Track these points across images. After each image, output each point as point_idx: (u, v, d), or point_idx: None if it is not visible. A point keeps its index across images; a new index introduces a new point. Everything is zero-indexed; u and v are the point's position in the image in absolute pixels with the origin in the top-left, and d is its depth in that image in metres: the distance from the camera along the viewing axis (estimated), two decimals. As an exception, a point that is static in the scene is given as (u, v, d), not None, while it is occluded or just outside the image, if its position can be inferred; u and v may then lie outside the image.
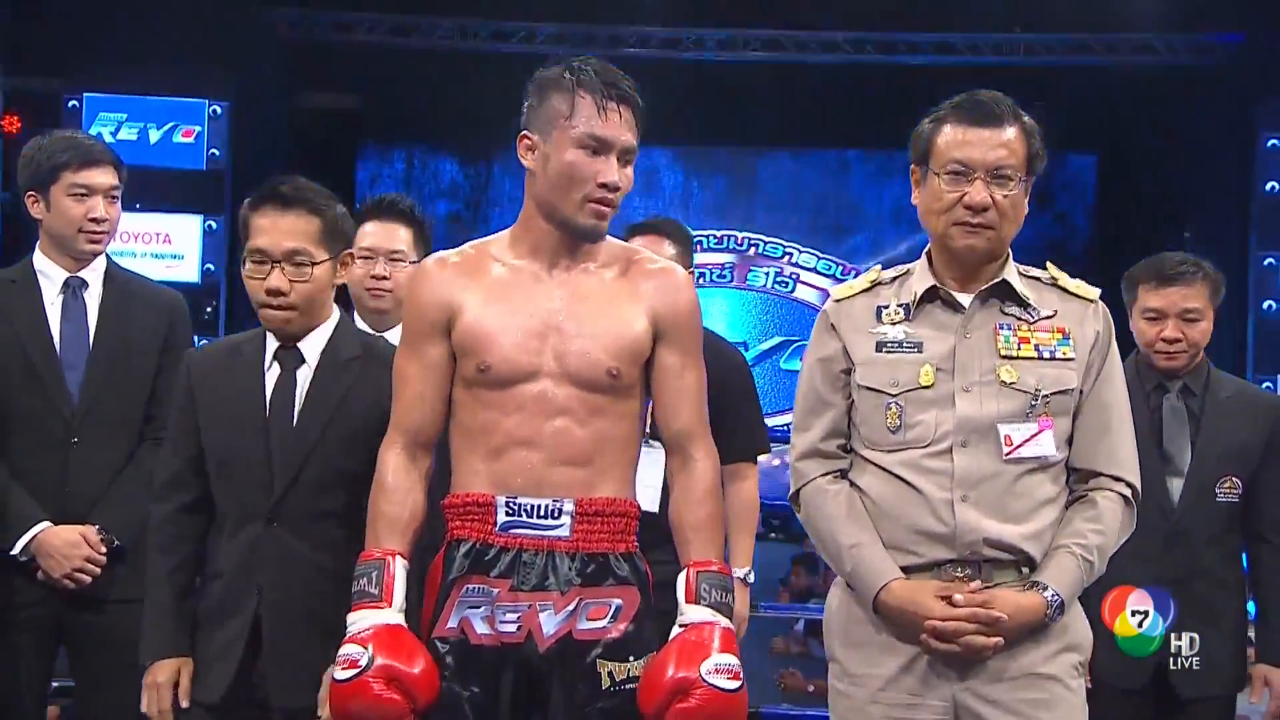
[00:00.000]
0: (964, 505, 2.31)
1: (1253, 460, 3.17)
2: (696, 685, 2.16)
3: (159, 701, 2.48)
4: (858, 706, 2.39)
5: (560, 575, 2.28)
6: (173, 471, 2.58)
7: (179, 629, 2.52)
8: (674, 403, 2.38)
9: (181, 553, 2.56)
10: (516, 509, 2.28)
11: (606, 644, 2.28)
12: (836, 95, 11.34)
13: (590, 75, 2.30)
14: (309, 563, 2.50)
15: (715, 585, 2.27)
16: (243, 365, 2.57)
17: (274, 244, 2.51)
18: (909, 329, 2.40)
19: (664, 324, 2.36)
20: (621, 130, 2.30)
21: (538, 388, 2.29)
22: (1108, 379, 2.40)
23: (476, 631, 2.28)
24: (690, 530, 2.34)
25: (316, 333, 2.58)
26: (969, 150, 2.33)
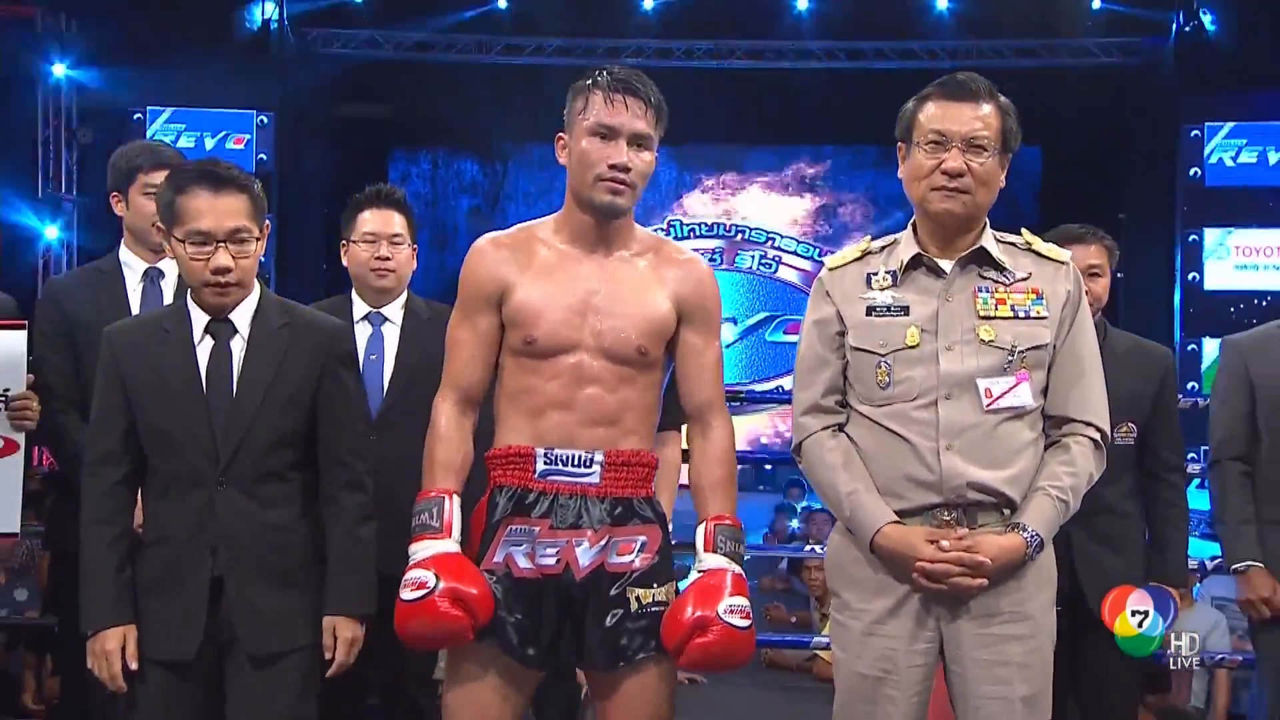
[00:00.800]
0: (949, 453, 2.28)
1: (1146, 407, 3.19)
2: (714, 623, 2.21)
3: (109, 668, 2.37)
4: (856, 638, 2.36)
5: (593, 516, 2.31)
6: (106, 448, 2.43)
7: (121, 597, 2.39)
8: (695, 377, 2.40)
9: (120, 524, 2.43)
10: (554, 459, 2.31)
11: (634, 574, 2.31)
12: (811, 97, 11.47)
13: (604, 76, 2.33)
14: (261, 520, 2.40)
15: (729, 537, 2.33)
16: (171, 340, 2.44)
17: (217, 224, 2.37)
18: (896, 294, 2.36)
19: (687, 308, 2.38)
20: (628, 117, 2.30)
21: (575, 359, 2.31)
22: (1078, 333, 2.37)
23: (519, 565, 2.29)
24: (709, 489, 2.38)
25: (244, 304, 2.46)
26: (947, 122, 2.31)
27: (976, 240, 2.35)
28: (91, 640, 2.39)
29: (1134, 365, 3.21)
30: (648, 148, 2.33)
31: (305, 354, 2.46)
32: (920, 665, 2.31)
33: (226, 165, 2.48)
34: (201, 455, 2.38)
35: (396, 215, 3.23)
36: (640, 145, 2.32)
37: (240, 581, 2.38)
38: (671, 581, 2.34)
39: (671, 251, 2.44)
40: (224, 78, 10.32)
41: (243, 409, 2.40)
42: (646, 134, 2.32)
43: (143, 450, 2.43)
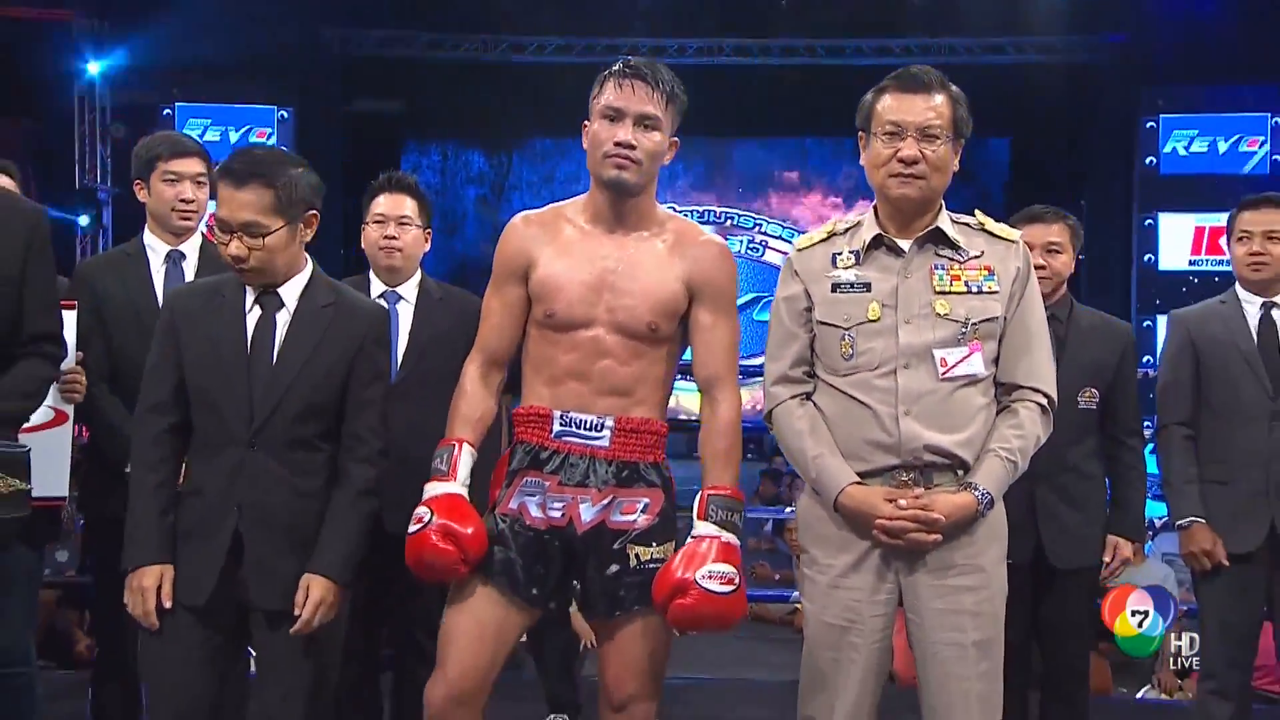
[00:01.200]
0: (907, 418, 2.29)
1: (1108, 376, 3.20)
2: (692, 587, 2.22)
3: (144, 604, 2.35)
4: (822, 590, 2.37)
5: (599, 476, 2.33)
6: (157, 398, 2.43)
7: (162, 539, 2.38)
8: (705, 353, 2.40)
9: (165, 471, 2.42)
10: (569, 421, 2.34)
11: (635, 532, 2.33)
12: (795, 92, 11.43)
13: (618, 65, 2.35)
14: (286, 483, 2.40)
15: (722, 506, 2.31)
16: (225, 306, 2.44)
17: (231, 216, 2.37)
18: (859, 272, 2.37)
19: (699, 288, 2.37)
20: (635, 100, 2.30)
21: (591, 334, 2.33)
22: (1028, 307, 2.37)
23: (531, 514, 2.34)
24: (710, 459, 2.38)
25: (294, 281, 2.45)
26: (902, 113, 2.32)
27: (933, 221, 2.35)
28: (130, 576, 2.38)
29: (1097, 338, 3.22)
30: (655, 128, 2.32)
31: (344, 333, 2.45)
32: (881, 615, 2.32)
33: (259, 158, 2.45)
34: (237, 417, 2.38)
35: (408, 199, 3.22)
36: (647, 126, 2.31)
37: (258, 540, 2.37)
38: (671, 541, 2.35)
39: (691, 233, 2.42)
40: (247, 76, 10.32)
41: (279, 377, 2.39)
42: (653, 115, 2.31)
43: (189, 406, 2.42)
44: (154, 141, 3.18)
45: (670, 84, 2.34)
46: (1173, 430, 3.27)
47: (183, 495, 2.42)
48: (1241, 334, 3.23)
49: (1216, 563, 3.17)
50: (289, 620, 2.36)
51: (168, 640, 2.37)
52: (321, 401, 2.42)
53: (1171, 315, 3.43)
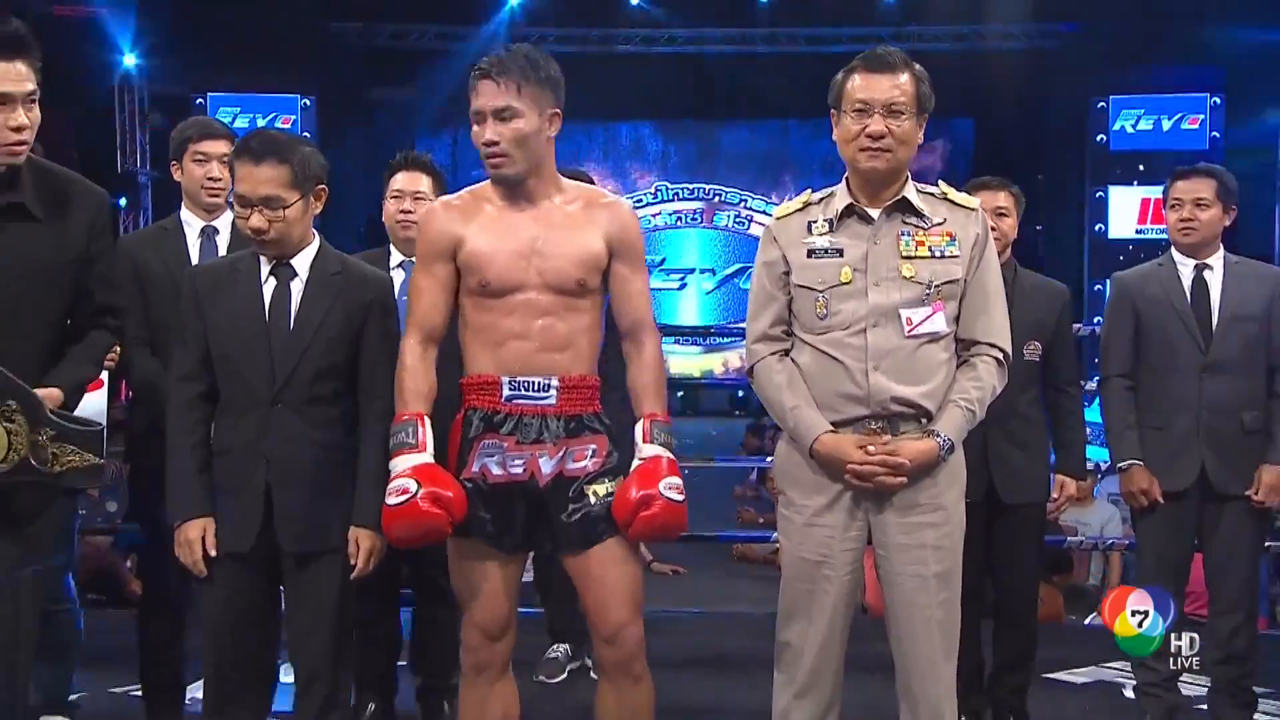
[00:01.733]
0: (875, 373, 2.29)
1: (1048, 332, 3.21)
2: (656, 498, 2.23)
3: (192, 554, 2.38)
4: (798, 529, 2.38)
5: (551, 431, 2.32)
6: (187, 368, 2.44)
7: (201, 495, 2.39)
8: (626, 302, 2.38)
9: (199, 433, 2.42)
10: (517, 385, 2.31)
11: (589, 475, 2.32)
12: (778, 78, 11.38)
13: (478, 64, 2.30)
14: (307, 438, 2.40)
15: (662, 430, 2.33)
16: (242, 279, 2.44)
17: (251, 191, 2.36)
18: (832, 239, 2.35)
19: (615, 244, 2.34)
20: (486, 98, 2.26)
21: (525, 296, 2.30)
22: (985, 269, 2.37)
23: (493, 473, 2.31)
24: (643, 392, 2.38)
25: (305, 252, 2.45)
26: (869, 92, 2.30)
27: (899, 191, 2.34)
28: (177, 530, 2.39)
29: (1039, 298, 3.23)
30: (515, 116, 2.25)
31: (353, 298, 2.44)
32: (852, 550, 2.34)
33: (273, 137, 2.45)
34: (260, 379, 2.38)
35: (423, 176, 3.23)
36: (505, 117, 2.25)
37: (286, 490, 2.38)
38: (621, 476, 2.33)
39: (599, 198, 2.40)
40: (272, 67, 10.28)
41: (297, 341, 2.39)
42: (506, 106, 2.24)
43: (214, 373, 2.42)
44: (186, 125, 3.18)
45: (520, 69, 2.25)
46: (1113, 381, 3.28)
47: (215, 453, 2.42)
48: (1176, 294, 3.23)
49: (1153, 500, 3.19)
50: (317, 559, 2.38)
51: (217, 584, 2.40)
52: (336, 361, 2.42)
53: (1113, 277, 3.44)
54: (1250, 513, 3.18)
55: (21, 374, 2.23)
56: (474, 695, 2.40)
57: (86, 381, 2.48)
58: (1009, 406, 3.08)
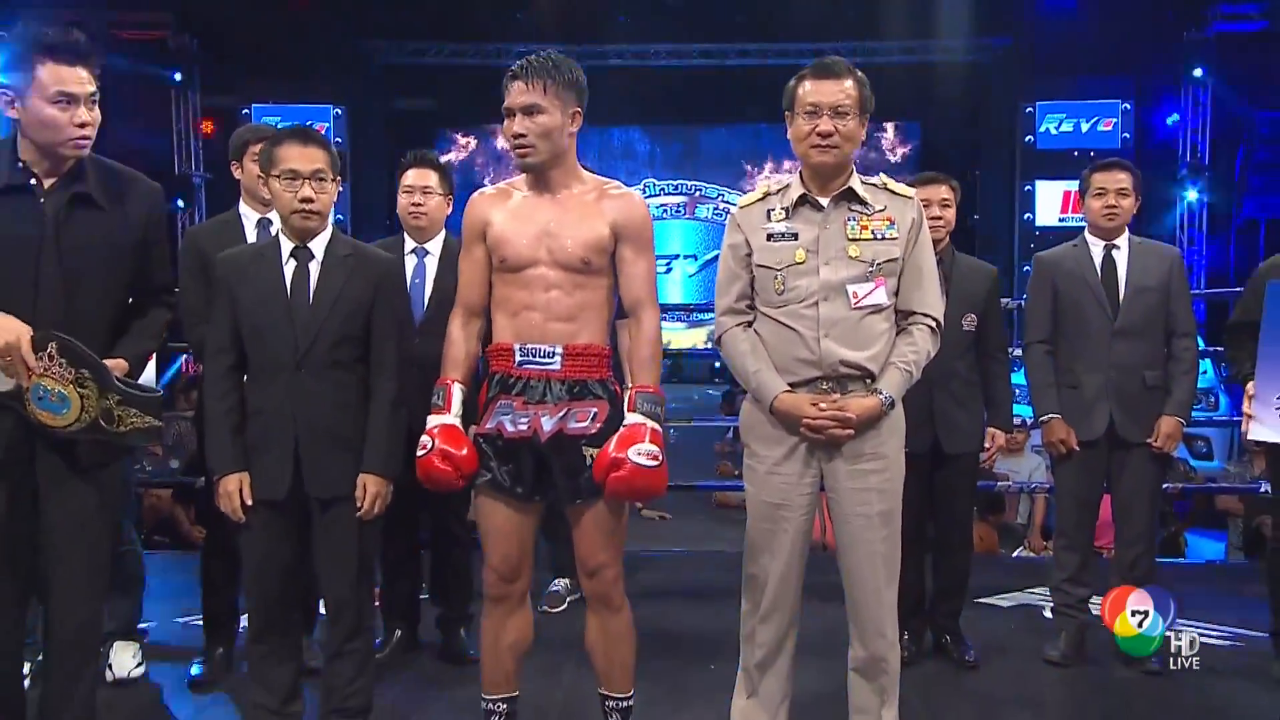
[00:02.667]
0: (826, 340, 2.27)
1: (981, 306, 3.21)
2: (625, 463, 2.19)
3: (231, 504, 2.37)
4: (761, 477, 2.38)
5: (554, 393, 2.28)
6: (219, 343, 2.43)
7: (237, 453, 2.39)
8: (628, 282, 2.33)
9: (232, 399, 2.41)
10: (527, 352, 2.29)
11: (588, 436, 2.29)
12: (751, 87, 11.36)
13: (511, 67, 2.26)
14: (329, 398, 2.39)
15: (648, 400, 2.27)
16: (266, 262, 2.43)
17: (304, 166, 2.37)
18: (788, 224, 2.33)
19: (621, 229, 2.30)
20: (517, 96, 2.24)
21: (537, 271, 2.28)
22: (920, 249, 2.34)
23: (506, 430, 2.29)
24: (637, 365, 2.32)
25: (320, 238, 2.44)
26: (818, 96, 2.28)
27: (846, 182, 2.31)
28: (217, 484, 2.39)
29: (973, 277, 3.23)
30: (541, 112, 2.22)
31: (363, 276, 2.43)
32: (807, 494, 2.33)
33: (311, 130, 2.48)
34: (285, 348, 2.36)
35: (431, 172, 3.18)
36: (533, 113, 2.22)
37: (312, 444, 2.37)
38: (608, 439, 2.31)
39: (612, 188, 2.34)
40: (308, 81, 10.25)
41: (316, 314, 2.38)
42: (534, 104, 2.21)
43: (244, 345, 2.41)
44: (245, 130, 3.19)
45: (547, 71, 2.22)
46: (1035, 347, 3.29)
47: (248, 415, 2.41)
48: (1089, 270, 3.22)
49: (1070, 448, 3.20)
50: (339, 503, 2.38)
51: (255, 528, 2.39)
52: (351, 331, 2.40)
53: (1035, 257, 3.42)
54: (1151, 458, 3.19)
55: (91, 345, 2.22)
56: (491, 623, 2.40)
57: (148, 353, 2.46)
58: (950, 370, 3.10)
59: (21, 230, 2.21)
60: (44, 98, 2.18)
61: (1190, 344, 3.22)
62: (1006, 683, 3.12)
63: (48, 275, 2.22)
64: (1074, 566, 3.28)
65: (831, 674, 2.60)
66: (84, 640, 2.36)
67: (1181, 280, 3.24)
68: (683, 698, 2.93)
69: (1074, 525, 3.28)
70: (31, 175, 2.23)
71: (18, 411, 2.19)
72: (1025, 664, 3.26)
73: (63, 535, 2.29)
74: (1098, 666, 3.19)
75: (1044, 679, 3.16)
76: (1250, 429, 2.95)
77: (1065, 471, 3.27)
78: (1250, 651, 3.34)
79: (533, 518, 2.38)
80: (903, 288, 2.32)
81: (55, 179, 2.25)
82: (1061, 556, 3.32)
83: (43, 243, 2.22)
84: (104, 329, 2.31)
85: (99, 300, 2.31)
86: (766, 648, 2.37)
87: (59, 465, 2.28)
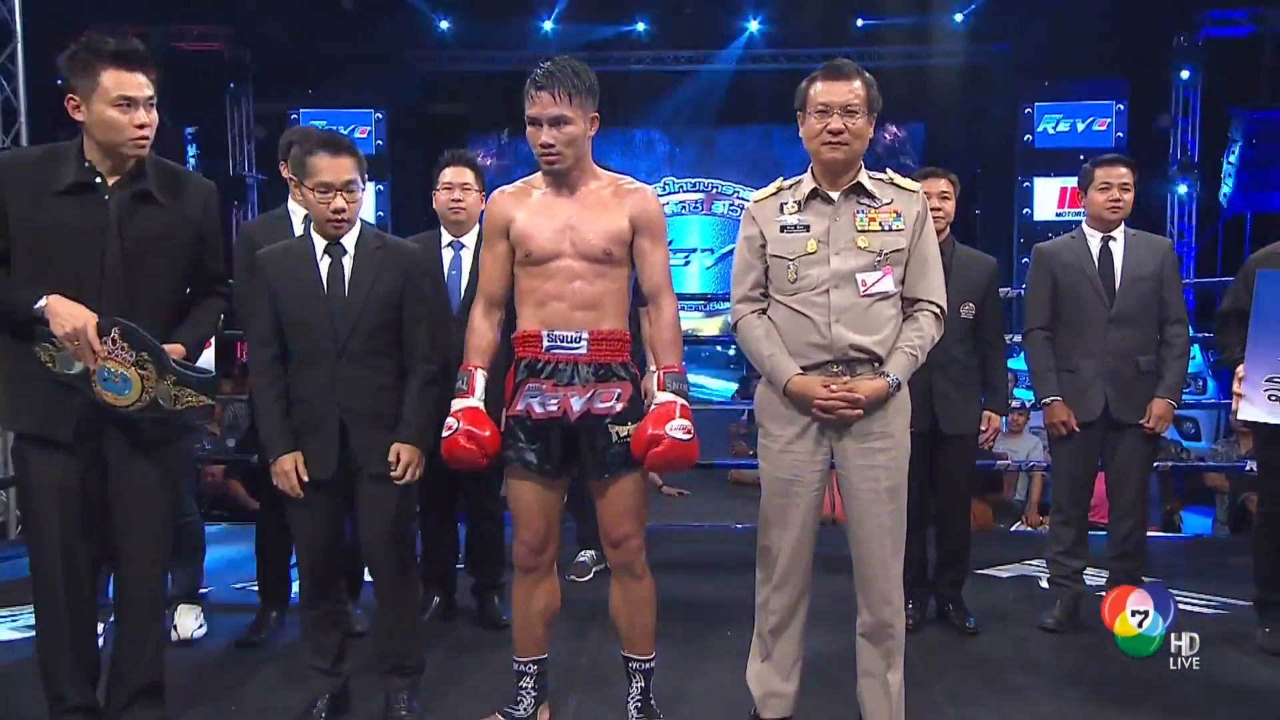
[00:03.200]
0: (837, 325, 2.25)
1: (980, 295, 3.18)
2: (663, 438, 2.19)
3: (288, 481, 2.37)
4: (774, 455, 2.35)
5: (581, 376, 2.27)
6: (261, 335, 2.42)
7: (287, 435, 2.38)
8: (647, 270, 2.31)
9: (279, 386, 2.41)
10: (555, 338, 2.27)
11: (613, 416, 2.28)
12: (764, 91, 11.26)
13: (530, 78, 2.22)
14: (368, 382, 2.38)
15: (675, 379, 2.28)
16: (301, 260, 2.41)
17: (336, 178, 2.35)
18: (800, 217, 2.30)
19: (638, 222, 2.29)
20: (544, 107, 2.20)
21: (562, 263, 2.26)
22: (925, 240, 2.31)
23: (535, 411, 2.28)
24: (660, 347, 2.32)
25: (351, 233, 2.43)
26: (829, 96, 2.24)
27: (855, 177, 2.28)
28: (273, 464, 2.39)
29: (973, 268, 3.20)
30: (568, 123, 2.20)
31: (393, 268, 2.42)
32: (818, 471, 2.31)
33: (340, 136, 2.44)
34: (325, 338, 2.36)
35: (467, 170, 3.18)
36: (560, 124, 2.19)
37: (357, 425, 2.38)
38: (644, 418, 2.29)
39: (627, 184, 2.32)
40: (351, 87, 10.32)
41: (352, 305, 2.38)
42: (560, 115, 2.19)
43: (285, 336, 2.40)
44: (292, 132, 3.19)
45: (571, 83, 2.19)
46: (1035, 333, 3.25)
47: (291, 402, 2.41)
48: (1086, 261, 3.19)
49: (1070, 429, 3.18)
50: (382, 477, 2.38)
51: (307, 503, 2.40)
52: (385, 320, 2.39)
53: (1035, 248, 3.38)
54: (1143, 438, 3.16)
55: (151, 331, 2.23)
56: (521, 590, 2.40)
57: (204, 339, 2.47)
58: (949, 355, 3.07)
59: (88, 225, 2.23)
60: (106, 101, 2.19)
61: (1182, 330, 3.18)
62: (1005, 648, 3.10)
63: (112, 266, 2.23)
64: (1069, 540, 3.26)
65: (840, 639, 2.60)
66: (150, 602, 2.39)
67: (1174, 270, 3.20)
68: (701, 661, 2.93)
69: (1070, 501, 3.25)
70: (97, 174, 2.25)
71: (86, 393, 2.22)
72: (1022, 631, 3.25)
73: (129, 508, 2.32)
74: (1091, 633, 3.17)
75: (1040, 645, 3.14)
76: (1240, 409, 2.89)
77: (1062, 451, 3.23)
78: (1234, 619, 3.32)
79: (559, 493, 2.38)
80: (909, 276, 2.29)
81: (118, 177, 2.26)
82: (1058, 531, 3.30)
83: (107, 236, 2.23)
84: (163, 316, 2.32)
85: (158, 289, 2.31)
86: (779, 614, 2.36)
87: (125, 443, 2.30)
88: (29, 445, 2.28)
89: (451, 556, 3.37)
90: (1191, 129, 10.25)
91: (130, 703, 2.36)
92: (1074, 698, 2.71)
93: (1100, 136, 10.61)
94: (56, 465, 2.26)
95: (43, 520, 2.27)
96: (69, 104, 2.23)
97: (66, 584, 2.28)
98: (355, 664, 2.59)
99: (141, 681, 2.37)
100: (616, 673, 2.51)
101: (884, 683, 2.31)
